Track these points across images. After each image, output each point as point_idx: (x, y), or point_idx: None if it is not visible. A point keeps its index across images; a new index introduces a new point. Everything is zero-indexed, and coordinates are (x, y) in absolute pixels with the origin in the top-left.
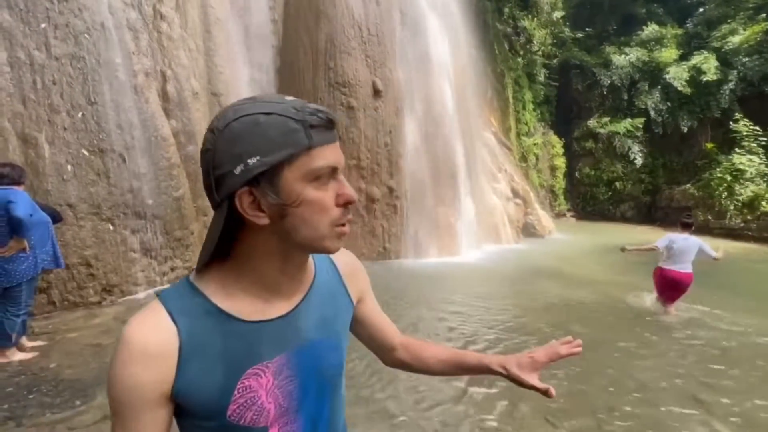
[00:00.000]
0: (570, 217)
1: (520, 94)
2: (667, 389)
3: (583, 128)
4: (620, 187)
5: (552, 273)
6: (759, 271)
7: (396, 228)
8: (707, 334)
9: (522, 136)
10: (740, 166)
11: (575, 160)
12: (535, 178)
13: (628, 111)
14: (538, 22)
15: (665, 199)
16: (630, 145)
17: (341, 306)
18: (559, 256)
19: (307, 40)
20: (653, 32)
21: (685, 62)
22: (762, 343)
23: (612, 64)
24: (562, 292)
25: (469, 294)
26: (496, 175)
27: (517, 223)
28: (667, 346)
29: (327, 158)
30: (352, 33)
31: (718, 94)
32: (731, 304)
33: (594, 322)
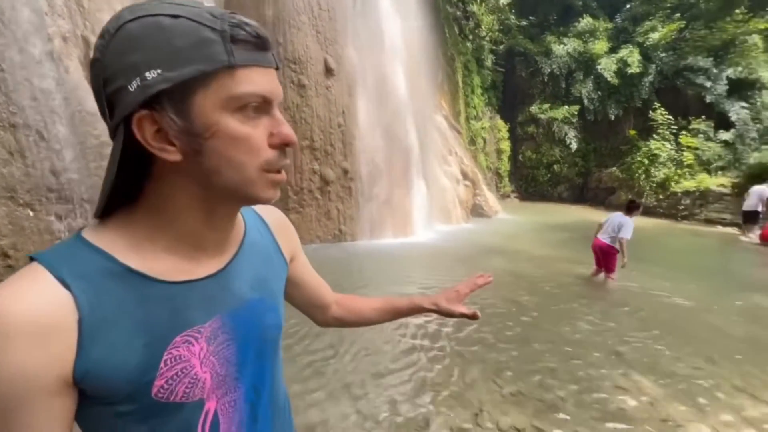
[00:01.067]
0: (514, 198)
1: (469, 79)
2: (597, 348)
3: (526, 114)
4: (558, 169)
5: (499, 250)
6: (669, 244)
7: (351, 210)
8: (632, 299)
9: (471, 120)
10: (656, 151)
11: (519, 144)
12: (483, 161)
13: (566, 98)
14: (486, 8)
15: (595, 181)
16: (567, 131)
17: (276, 265)
18: (505, 234)
19: (254, 13)
20: (588, 25)
21: (614, 55)
22: (676, 305)
23: (552, 53)
24: (508, 266)
25: (424, 272)
26: (447, 157)
27: (466, 204)
28: (598, 310)
29: (256, 84)
30: (302, 6)
31: (640, 86)
32: (650, 273)
33: (538, 292)
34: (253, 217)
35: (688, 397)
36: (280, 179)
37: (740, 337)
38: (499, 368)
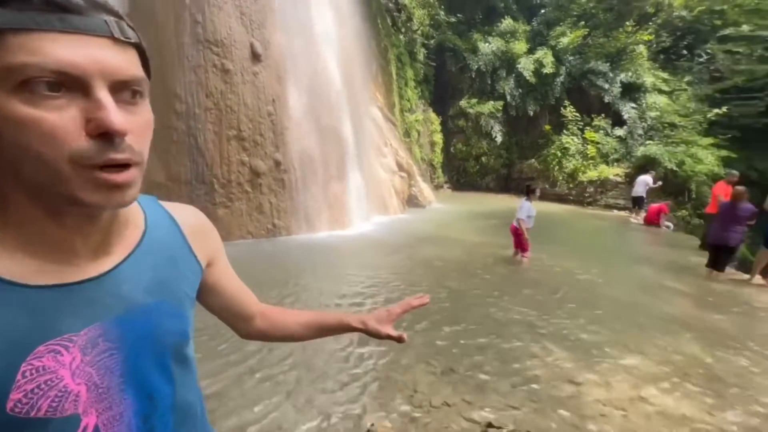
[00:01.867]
0: (447, 188)
1: (403, 71)
2: (517, 324)
3: (456, 107)
4: (485, 161)
5: (433, 238)
6: (576, 226)
7: (285, 203)
8: (546, 276)
9: (405, 112)
10: (566, 144)
11: (450, 137)
12: (418, 153)
13: (491, 94)
14: (417, 2)
15: (517, 172)
16: (493, 125)
17: (185, 268)
18: (438, 223)
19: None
20: (509, 26)
21: (531, 55)
22: (581, 279)
23: (479, 50)
24: (440, 253)
25: (361, 262)
26: (383, 149)
27: (402, 194)
28: (518, 289)
29: (44, 55)
30: None
31: (553, 85)
32: (560, 252)
33: (466, 276)
34: (162, 215)
35: (589, 359)
36: (111, 180)
37: (631, 303)
38: (432, 350)
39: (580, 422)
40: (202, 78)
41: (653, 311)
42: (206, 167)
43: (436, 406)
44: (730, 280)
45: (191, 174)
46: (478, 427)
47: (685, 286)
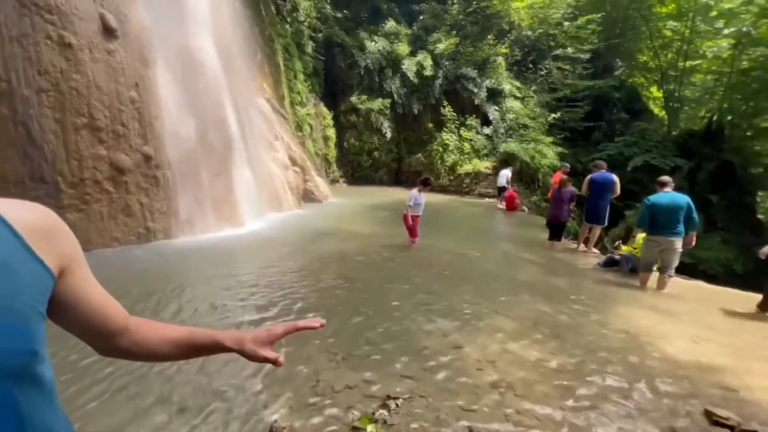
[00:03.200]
0: (342, 183)
1: (291, 63)
2: (411, 304)
3: (347, 103)
4: (378, 156)
5: (330, 232)
6: (456, 214)
7: (161, 203)
8: (434, 258)
9: (296, 106)
10: (446, 141)
11: (343, 132)
12: (311, 147)
13: (380, 92)
14: None
15: (406, 166)
16: (382, 121)
17: (23, 277)
18: (335, 217)
19: None
20: (393, 27)
21: (413, 57)
22: (462, 258)
23: (366, 48)
24: (339, 246)
25: (255, 262)
26: (274, 143)
27: (297, 190)
28: (411, 272)
29: None
30: None
31: (433, 86)
32: (444, 237)
33: (363, 266)
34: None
35: (469, 327)
36: None
37: (499, 275)
38: (333, 339)
39: (462, 378)
40: (30, 51)
41: (514, 279)
42: (46, 163)
43: (338, 390)
44: (565, 249)
45: (23, 171)
46: (379, 401)
47: (536, 257)
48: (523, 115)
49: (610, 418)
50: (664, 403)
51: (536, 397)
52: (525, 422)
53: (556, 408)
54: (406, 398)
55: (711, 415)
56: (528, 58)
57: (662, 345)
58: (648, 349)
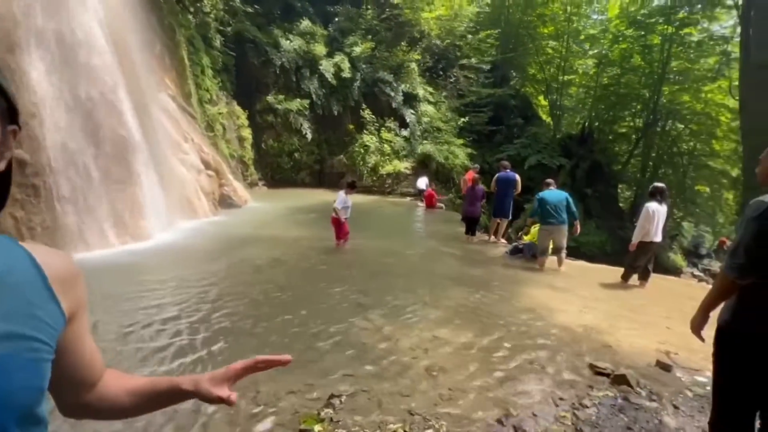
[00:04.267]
0: (262, 186)
1: (197, 57)
2: (345, 303)
3: (263, 102)
4: (298, 157)
5: (253, 239)
6: (381, 213)
7: (42, 216)
8: (363, 258)
9: (205, 104)
10: (367, 143)
11: (260, 132)
12: (225, 149)
13: (298, 92)
14: None
15: (329, 167)
16: (302, 122)
17: (43, 318)
18: (257, 222)
19: None
20: (308, 27)
21: (331, 59)
22: (391, 256)
23: (281, 46)
24: (263, 253)
25: (164, 277)
26: (183, 144)
27: (213, 195)
28: (341, 273)
29: None
30: None
31: (352, 89)
32: (372, 236)
33: (292, 271)
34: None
35: (401, 319)
36: None
37: (425, 269)
38: (269, 348)
39: (399, 367)
40: None
41: (438, 272)
42: None
43: (281, 397)
44: (480, 241)
45: None
46: (322, 402)
47: (455, 250)
48: (437, 118)
49: (525, 381)
50: (563, 363)
51: (464, 375)
52: (457, 397)
53: (481, 382)
54: (349, 394)
55: (594, 368)
56: (438, 65)
57: (558, 316)
58: (548, 320)
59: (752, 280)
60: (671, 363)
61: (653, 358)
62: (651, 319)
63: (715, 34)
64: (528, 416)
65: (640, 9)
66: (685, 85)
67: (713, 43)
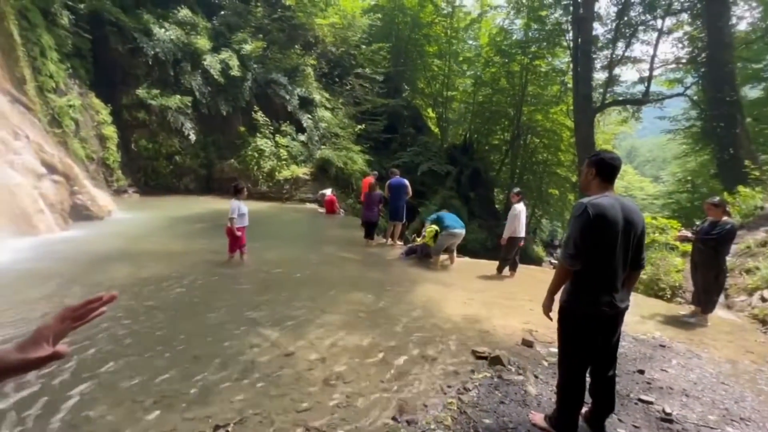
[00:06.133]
0: (133, 194)
1: (35, 35)
2: (234, 320)
3: (132, 96)
4: (180, 160)
5: (121, 256)
6: (278, 220)
7: None
8: (257, 269)
9: (48, 93)
10: (261, 146)
11: (129, 131)
12: (80, 149)
13: (177, 87)
14: None
15: (218, 172)
16: (183, 122)
17: None
18: (125, 236)
19: None
20: (187, 17)
21: (216, 55)
22: (286, 265)
23: (153, 34)
24: (135, 272)
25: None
26: (13, 143)
27: (61, 205)
28: (231, 287)
29: None
30: None
31: (243, 88)
32: (268, 245)
33: (171, 290)
34: None
35: (298, 330)
36: None
37: (322, 276)
38: (137, 383)
39: (294, 382)
40: None
41: (336, 277)
42: None
43: None
44: (378, 245)
45: None
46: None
47: (354, 254)
48: (334, 124)
49: (419, 376)
50: (450, 351)
51: (362, 380)
52: (354, 404)
53: (378, 383)
54: (237, 421)
55: (475, 353)
56: (334, 72)
57: (446, 309)
58: (437, 315)
59: (580, 266)
60: (533, 340)
61: (520, 338)
62: (519, 304)
63: (557, 67)
64: (420, 408)
65: (504, 40)
66: (538, 106)
67: (555, 75)
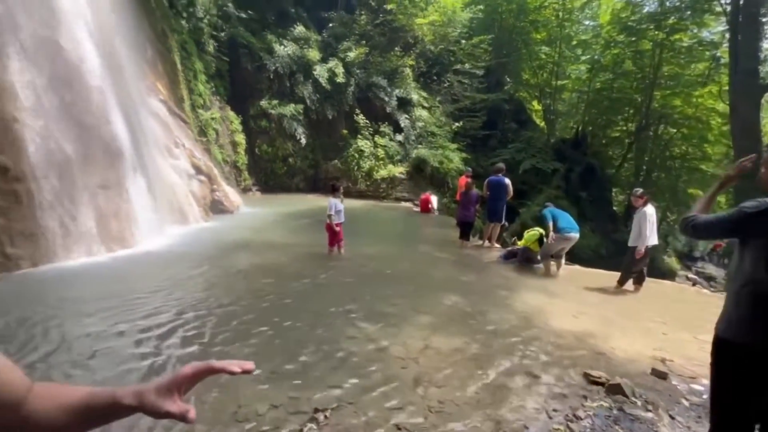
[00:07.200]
0: (256, 191)
1: (190, 62)
2: (333, 310)
3: (257, 107)
4: (293, 162)
5: (244, 244)
6: (376, 218)
7: (24, 223)
8: (355, 264)
9: (198, 109)
10: (362, 147)
11: (254, 137)
12: (218, 154)
13: (292, 97)
14: None
15: (323, 172)
16: (296, 127)
17: None
18: (249, 228)
19: None
20: (302, 32)
21: (325, 64)
22: (383, 261)
23: (275, 52)
24: (255, 259)
25: (152, 285)
26: (173, 150)
27: (204, 200)
28: (331, 279)
29: None
30: None
31: (346, 93)
32: (365, 242)
33: (282, 277)
34: None
35: (391, 327)
36: None
37: (417, 274)
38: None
39: (387, 379)
40: None
41: (431, 277)
42: None
43: (262, 413)
44: (474, 246)
45: None
46: (306, 416)
47: (448, 255)
48: (431, 123)
49: (518, 393)
50: (556, 372)
51: (455, 385)
52: (447, 410)
53: (472, 393)
54: (334, 408)
55: (588, 377)
56: (432, 70)
57: (552, 322)
58: (541, 327)
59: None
60: (667, 371)
61: (648, 366)
62: (646, 325)
63: (705, 39)
64: (520, 430)
65: (631, 15)
66: (677, 89)
67: (703, 49)
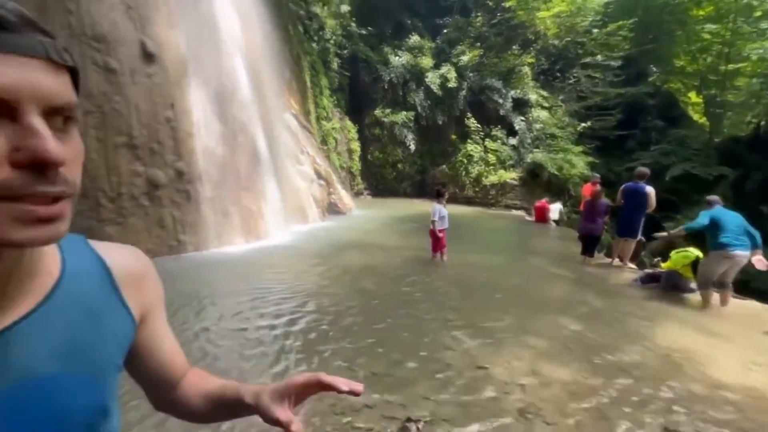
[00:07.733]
0: (367, 195)
1: (317, 79)
2: (433, 318)
3: (371, 117)
4: (402, 168)
5: (354, 244)
6: (482, 226)
7: (192, 216)
8: (457, 273)
9: (321, 120)
10: (471, 152)
11: (367, 145)
12: (336, 160)
13: (403, 105)
14: (329, 12)
15: (431, 177)
16: (406, 134)
17: (109, 327)
18: (359, 229)
19: None
20: (416, 42)
21: (437, 70)
22: (488, 272)
23: (390, 63)
24: (363, 259)
25: (278, 275)
26: (299, 157)
27: (322, 202)
28: (433, 286)
29: None
30: None
31: (458, 98)
32: (470, 249)
33: (386, 278)
34: (88, 259)
35: (494, 344)
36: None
37: (526, 290)
38: (355, 354)
39: (487, 401)
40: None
41: (543, 295)
42: (89, 179)
43: (357, 409)
44: (598, 264)
45: None
46: (398, 423)
47: (567, 272)
48: (551, 124)
49: None
50: None
51: (568, 427)
52: None
53: None
54: (428, 421)
55: None
56: (555, 66)
57: (709, 370)
58: (693, 374)
59: None
60: None
61: None
62: None
63: None
64: None
65: None
66: None
67: None
